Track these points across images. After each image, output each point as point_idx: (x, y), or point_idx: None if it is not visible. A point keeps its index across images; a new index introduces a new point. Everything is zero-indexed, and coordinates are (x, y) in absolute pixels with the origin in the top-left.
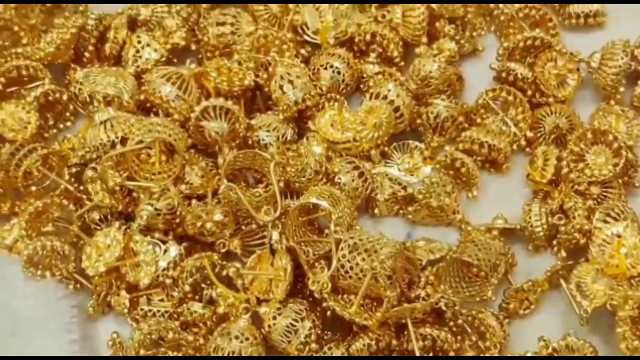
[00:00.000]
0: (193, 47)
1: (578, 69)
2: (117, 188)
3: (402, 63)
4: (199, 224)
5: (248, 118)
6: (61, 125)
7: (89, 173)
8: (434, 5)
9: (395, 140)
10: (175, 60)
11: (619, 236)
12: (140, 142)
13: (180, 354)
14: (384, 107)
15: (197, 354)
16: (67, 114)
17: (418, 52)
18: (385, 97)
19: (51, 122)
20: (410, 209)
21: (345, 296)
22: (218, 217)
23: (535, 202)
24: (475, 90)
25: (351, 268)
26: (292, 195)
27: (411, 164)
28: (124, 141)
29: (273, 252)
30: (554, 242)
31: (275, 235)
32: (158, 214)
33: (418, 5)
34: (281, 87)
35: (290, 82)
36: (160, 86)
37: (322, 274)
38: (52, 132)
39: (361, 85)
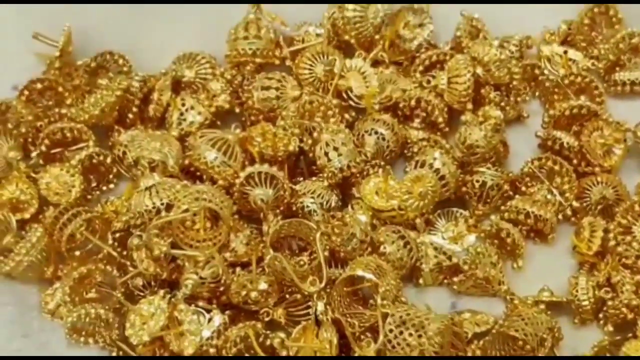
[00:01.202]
0: (237, 110)
1: (625, 140)
2: (162, 256)
3: (447, 129)
4: (243, 293)
5: (292, 183)
6: (104, 188)
7: (135, 241)
8: (479, 71)
9: (440, 207)
10: (218, 123)
11: None
12: (187, 210)
13: None
14: (429, 176)
15: None
16: (111, 176)
17: (464, 120)
18: (431, 166)
19: (94, 184)
20: (455, 279)
21: None
22: (263, 286)
23: (582, 274)
24: (520, 157)
25: (398, 344)
26: (337, 264)
27: (455, 232)
28: (169, 208)
29: (318, 323)
30: (601, 315)
31: (320, 306)
32: (203, 282)
33: (464, 71)
34: (326, 154)
35: (336, 149)
36: (205, 152)
37: (369, 347)
38: (95, 194)
39: (405, 151)
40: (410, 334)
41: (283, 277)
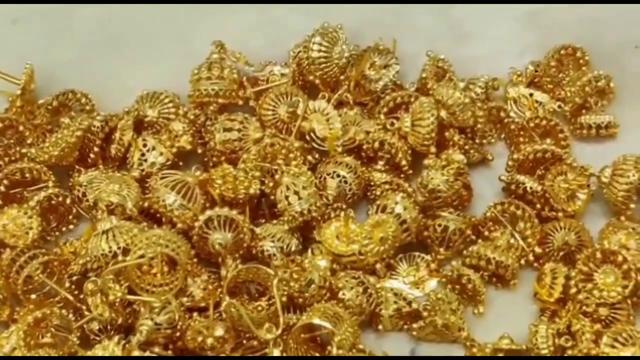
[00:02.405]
0: (199, 150)
1: (589, 185)
2: (118, 300)
3: (411, 172)
4: (199, 339)
5: (253, 225)
6: (64, 228)
7: (90, 286)
8: (443, 114)
9: (402, 251)
10: (181, 164)
11: None
12: (142, 256)
13: None
14: (390, 221)
15: None
16: (70, 217)
17: (426, 164)
18: (392, 210)
19: (53, 225)
20: (414, 325)
21: None
22: (219, 332)
23: (542, 322)
24: (484, 200)
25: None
26: (296, 309)
27: (417, 277)
28: (125, 252)
29: None
30: None
31: (276, 353)
32: (158, 328)
33: (427, 114)
34: (287, 197)
35: (296, 192)
36: (164, 195)
37: None
38: (54, 235)
39: (368, 194)
40: None
41: (240, 323)
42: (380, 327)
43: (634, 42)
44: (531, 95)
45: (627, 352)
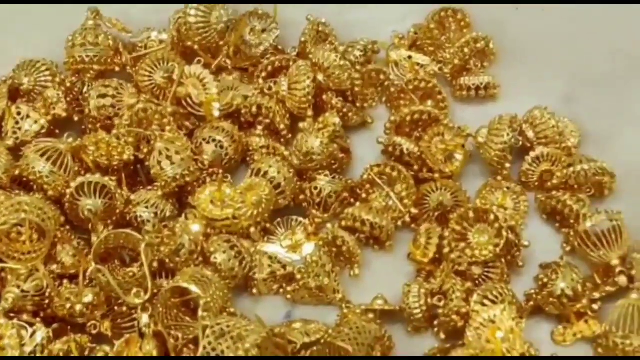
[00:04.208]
0: (76, 118)
1: (463, 145)
2: None
3: (290, 136)
4: (68, 305)
5: (131, 193)
6: None
7: None
8: (320, 77)
9: (279, 215)
10: (57, 132)
11: (492, 322)
12: (4, 223)
13: None
14: (263, 185)
15: None
16: None
17: (302, 127)
18: (266, 174)
19: None
20: (289, 288)
21: None
22: (88, 299)
23: (415, 282)
24: (365, 163)
25: (217, 356)
26: (168, 275)
27: (294, 241)
28: None
29: (142, 335)
30: (435, 323)
31: (144, 318)
32: (25, 296)
33: (303, 77)
34: (159, 162)
35: (169, 157)
36: (34, 162)
37: None
38: None
39: (247, 159)
40: (228, 347)
41: (110, 289)
42: (255, 291)
43: (514, 4)
44: (410, 57)
45: (497, 309)
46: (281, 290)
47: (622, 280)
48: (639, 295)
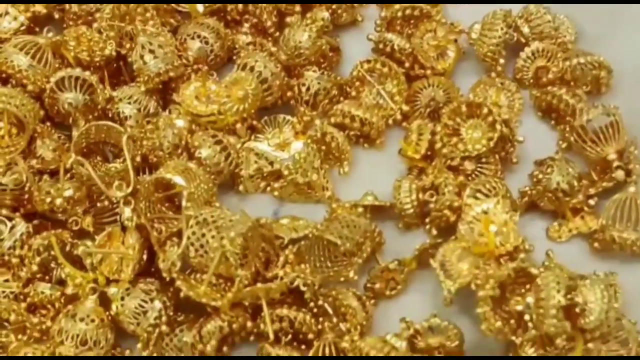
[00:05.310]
0: (57, 15)
1: (456, 40)
2: None
3: (278, 34)
4: (48, 200)
5: (114, 90)
6: None
7: None
8: None
9: (267, 113)
10: (37, 30)
11: (485, 212)
12: None
13: (25, 338)
14: (249, 79)
15: (44, 337)
16: None
17: (289, 22)
18: (252, 69)
19: None
20: (276, 185)
21: (198, 276)
22: (68, 192)
23: (406, 178)
24: (354, 63)
25: (201, 246)
26: (152, 170)
27: (282, 139)
28: None
29: (125, 229)
30: (427, 219)
31: (127, 211)
32: (4, 189)
33: None
34: (142, 57)
35: (152, 52)
36: (12, 55)
37: (172, 252)
38: None
39: (234, 57)
40: (213, 236)
41: (91, 184)
42: (241, 188)
43: None
44: None
45: (490, 203)
46: (268, 188)
47: (620, 174)
48: (637, 188)
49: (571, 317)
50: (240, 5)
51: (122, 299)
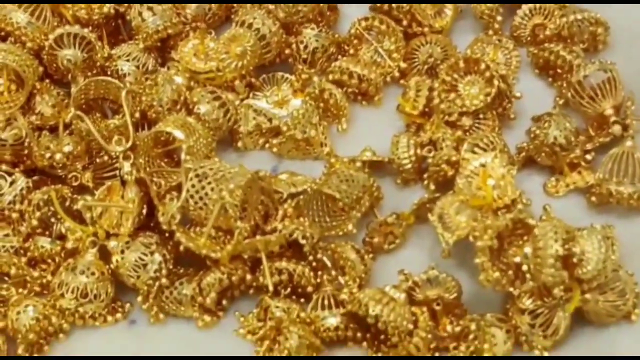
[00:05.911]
0: None
1: None
2: None
3: None
4: (47, 155)
5: (113, 49)
6: None
7: None
8: None
9: (265, 72)
10: None
11: (483, 166)
12: None
13: (26, 292)
14: (248, 35)
15: (45, 292)
16: None
17: None
18: (250, 25)
19: None
20: (275, 141)
21: (197, 229)
22: (68, 148)
23: (404, 134)
24: (352, 20)
25: (200, 198)
26: (150, 126)
27: (280, 97)
28: None
29: (124, 183)
30: (425, 175)
31: (126, 166)
32: (3, 144)
33: None
34: (140, 13)
35: (150, 8)
36: (11, 12)
37: (171, 205)
38: None
39: (232, 16)
40: (212, 188)
41: (90, 139)
42: (240, 144)
43: None
44: None
45: (488, 157)
46: (267, 145)
47: (617, 129)
48: (633, 142)
49: (568, 268)
50: None
51: (122, 252)
